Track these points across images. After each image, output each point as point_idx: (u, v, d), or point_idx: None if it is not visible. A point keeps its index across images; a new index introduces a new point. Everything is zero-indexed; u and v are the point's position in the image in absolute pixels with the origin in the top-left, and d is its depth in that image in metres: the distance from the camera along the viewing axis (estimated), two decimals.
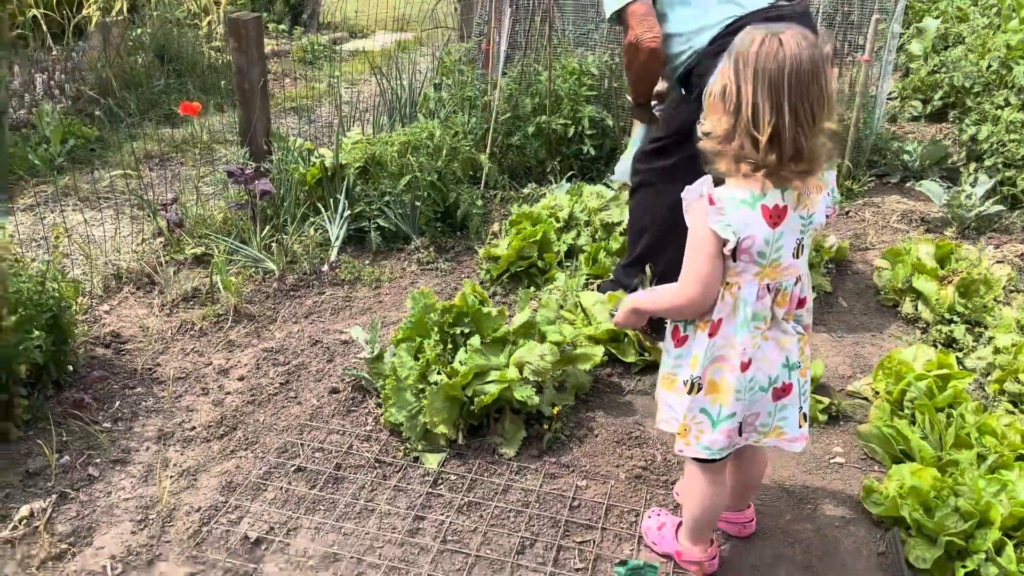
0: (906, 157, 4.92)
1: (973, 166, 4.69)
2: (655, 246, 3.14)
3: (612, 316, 2.15)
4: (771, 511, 2.45)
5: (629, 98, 3.36)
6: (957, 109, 5.71)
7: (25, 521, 2.36)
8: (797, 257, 1.89)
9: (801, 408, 2.04)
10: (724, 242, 1.82)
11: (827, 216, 1.93)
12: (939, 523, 2.20)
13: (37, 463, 2.56)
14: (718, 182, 1.89)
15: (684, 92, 2.98)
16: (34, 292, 2.68)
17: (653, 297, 2.05)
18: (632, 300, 2.06)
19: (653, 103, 3.31)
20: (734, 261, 1.85)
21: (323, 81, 6.81)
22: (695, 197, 1.89)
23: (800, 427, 2.05)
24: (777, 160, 1.76)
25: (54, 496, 2.44)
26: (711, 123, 1.85)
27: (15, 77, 5.45)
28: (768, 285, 1.90)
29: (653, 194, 3.12)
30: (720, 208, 1.81)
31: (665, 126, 3.13)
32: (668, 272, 3.02)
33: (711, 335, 1.92)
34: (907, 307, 3.48)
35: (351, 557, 2.26)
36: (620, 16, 2.92)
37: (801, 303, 1.99)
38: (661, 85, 3.25)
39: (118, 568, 2.21)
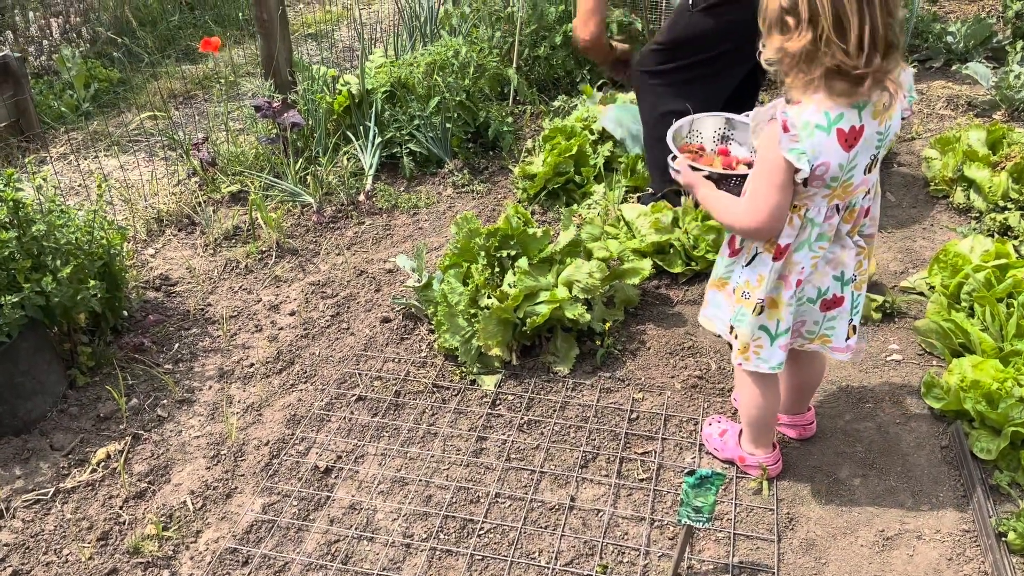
0: (949, 39, 4.71)
1: (1021, 44, 4.48)
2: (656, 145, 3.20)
3: (676, 171, 2.03)
4: (831, 412, 2.46)
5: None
6: None
7: (103, 463, 2.45)
8: (869, 172, 1.80)
9: (851, 321, 2.01)
10: (796, 169, 1.73)
11: (904, 118, 1.83)
12: (1003, 414, 2.19)
13: (107, 407, 2.64)
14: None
15: (690, 2, 2.99)
16: (84, 241, 2.70)
17: (720, 205, 1.93)
18: (703, 195, 1.95)
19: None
20: (804, 187, 1.78)
21: (338, 2, 6.64)
22: (766, 120, 1.78)
23: (848, 339, 2.03)
24: (882, 59, 1.61)
25: (128, 438, 2.52)
26: (778, 44, 1.68)
27: (31, 23, 5.38)
28: (837, 205, 1.83)
29: (651, 97, 3.21)
30: (794, 135, 1.70)
31: (665, 34, 3.19)
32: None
33: (775, 259, 1.88)
34: (958, 197, 3.39)
35: (419, 480, 2.32)
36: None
37: (866, 213, 1.93)
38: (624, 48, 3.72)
39: (198, 502, 2.30)
